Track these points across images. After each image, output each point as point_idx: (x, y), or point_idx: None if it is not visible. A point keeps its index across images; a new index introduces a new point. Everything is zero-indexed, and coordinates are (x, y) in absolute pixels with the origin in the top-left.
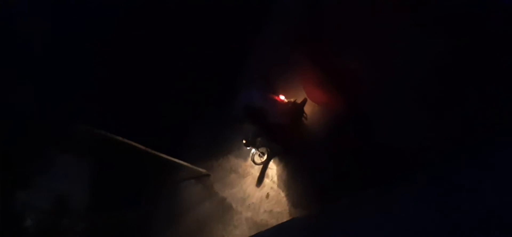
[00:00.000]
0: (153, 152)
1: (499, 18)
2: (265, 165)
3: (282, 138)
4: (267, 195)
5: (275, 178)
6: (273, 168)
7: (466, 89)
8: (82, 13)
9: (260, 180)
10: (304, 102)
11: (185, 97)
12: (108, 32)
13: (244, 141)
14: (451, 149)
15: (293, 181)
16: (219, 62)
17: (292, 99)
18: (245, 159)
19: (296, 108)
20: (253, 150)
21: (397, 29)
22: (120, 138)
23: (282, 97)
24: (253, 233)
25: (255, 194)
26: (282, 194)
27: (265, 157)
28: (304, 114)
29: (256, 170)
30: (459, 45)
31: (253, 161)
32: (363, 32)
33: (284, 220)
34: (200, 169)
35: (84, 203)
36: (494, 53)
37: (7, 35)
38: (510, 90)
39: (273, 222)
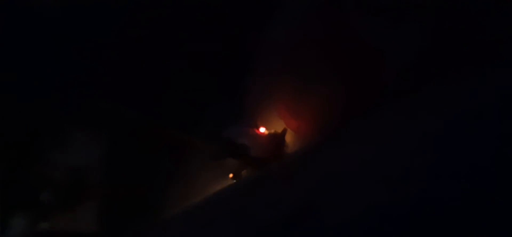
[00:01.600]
0: (168, 128)
1: None
2: None
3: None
4: None
5: None
6: None
7: None
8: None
9: None
10: (284, 132)
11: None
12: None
13: (230, 175)
14: None
15: None
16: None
17: (272, 131)
18: None
19: (277, 140)
20: None
21: None
22: (135, 113)
23: (262, 129)
24: None
25: None
26: None
27: None
28: (285, 144)
29: None
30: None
31: None
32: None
33: None
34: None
35: (99, 177)
36: None
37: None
38: None
39: None
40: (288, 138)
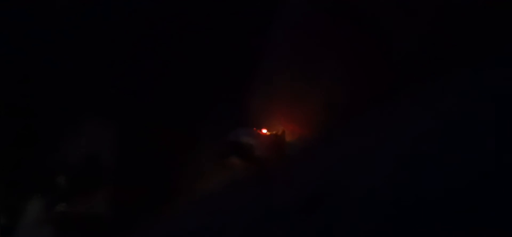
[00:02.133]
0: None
1: None
2: None
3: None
4: None
5: None
6: None
7: None
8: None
9: None
10: (283, 134)
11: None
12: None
13: (235, 171)
14: None
15: None
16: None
17: (274, 132)
18: None
19: (278, 141)
20: None
21: None
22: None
23: (264, 131)
24: None
25: None
26: None
27: None
28: (285, 144)
29: None
30: None
31: None
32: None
33: None
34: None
35: (111, 167)
36: None
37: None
38: None
39: None
40: (288, 138)
